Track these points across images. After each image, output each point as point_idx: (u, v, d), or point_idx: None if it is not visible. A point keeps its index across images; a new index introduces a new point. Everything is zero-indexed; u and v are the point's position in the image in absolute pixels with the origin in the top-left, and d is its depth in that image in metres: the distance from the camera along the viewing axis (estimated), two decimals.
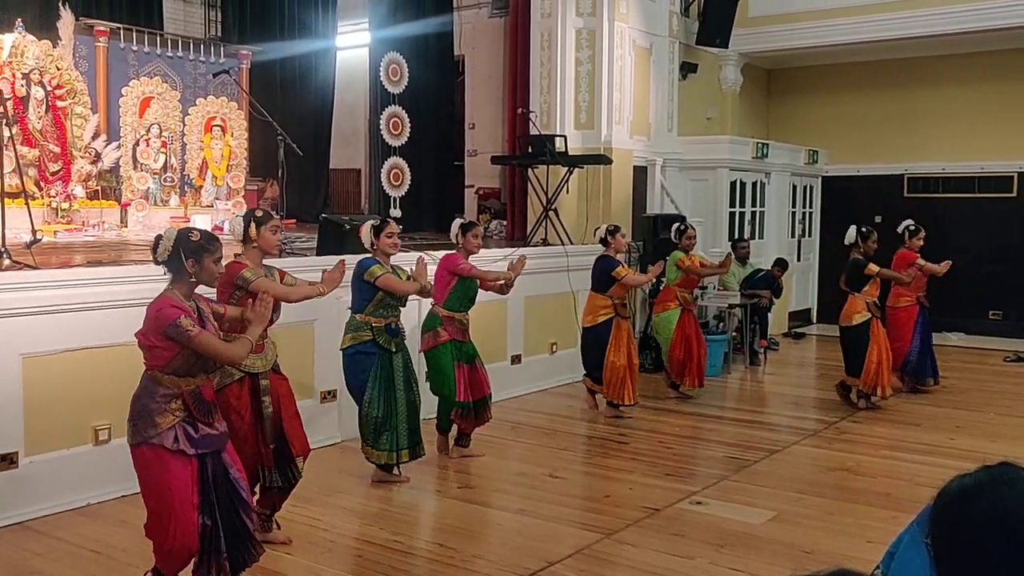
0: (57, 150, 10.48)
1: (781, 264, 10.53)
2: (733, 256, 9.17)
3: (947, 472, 1.55)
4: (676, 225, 8.28)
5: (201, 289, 3.76)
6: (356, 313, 5.47)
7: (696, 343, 8.03)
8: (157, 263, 3.65)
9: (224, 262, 3.95)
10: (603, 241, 7.39)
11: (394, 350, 5.46)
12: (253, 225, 4.49)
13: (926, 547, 1.61)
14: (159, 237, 3.64)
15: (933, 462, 6.12)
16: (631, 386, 7.31)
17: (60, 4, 11.08)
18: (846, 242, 7.77)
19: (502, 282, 6.24)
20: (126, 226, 10.47)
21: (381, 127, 10.93)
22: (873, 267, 7.63)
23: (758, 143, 11.73)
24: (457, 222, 6.21)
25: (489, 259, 7.80)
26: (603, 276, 7.29)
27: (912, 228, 8.30)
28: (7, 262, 5.27)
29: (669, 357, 8.07)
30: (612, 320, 7.26)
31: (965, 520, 1.48)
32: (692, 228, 8.29)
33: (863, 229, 7.72)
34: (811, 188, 13.18)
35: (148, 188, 10.83)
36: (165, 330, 3.48)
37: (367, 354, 5.40)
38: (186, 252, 3.58)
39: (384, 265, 5.42)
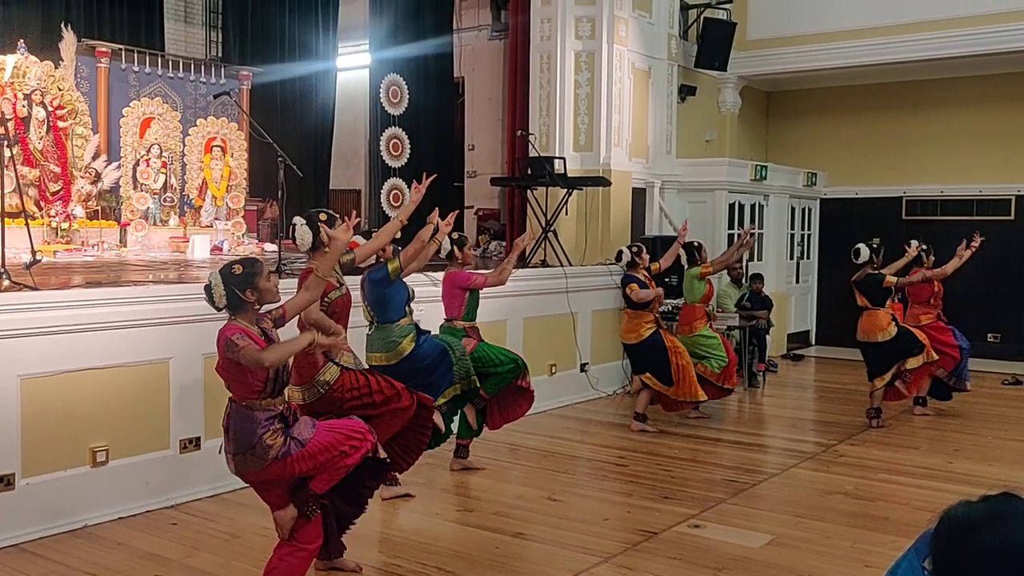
0: (57, 170, 10.51)
1: (758, 279, 10.64)
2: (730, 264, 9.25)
3: (946, 496, 1.56)
4: (692, 242, 8.30)
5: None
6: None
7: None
8: (220, 310, 3.71)
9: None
10: (631, 264, 7.69)
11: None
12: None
13: (924, 572, 1.61)
14: (208, 287, 3.68)
15: (932, 486, 6.10)
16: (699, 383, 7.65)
17: (62, 25, 11.16)
18: (859, 261, 7.88)
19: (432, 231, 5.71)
20: (125, 246, 10.50)
21: (381, 148, 10.99)
22: (891, 278, 7.80)
23: (757, 165, 11.78)
24: (446, 240, 6.08)
25: None
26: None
27: (924, 248, 8.55)
28: (6, 282, 5.26)
29: (726, 366, 8.07)
30: (658, 331, 7.52)
31: (972, 552, 1.48)
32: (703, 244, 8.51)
33: (874, 245, 7.89)
34: (809, 210, 13.22)
35: (148, 208, 10.86)
36: (226, 352, 3.57)
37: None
38: (239, 286, 3.64)
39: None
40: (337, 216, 4.61)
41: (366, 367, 4.91)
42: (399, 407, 4.72)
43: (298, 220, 4.51)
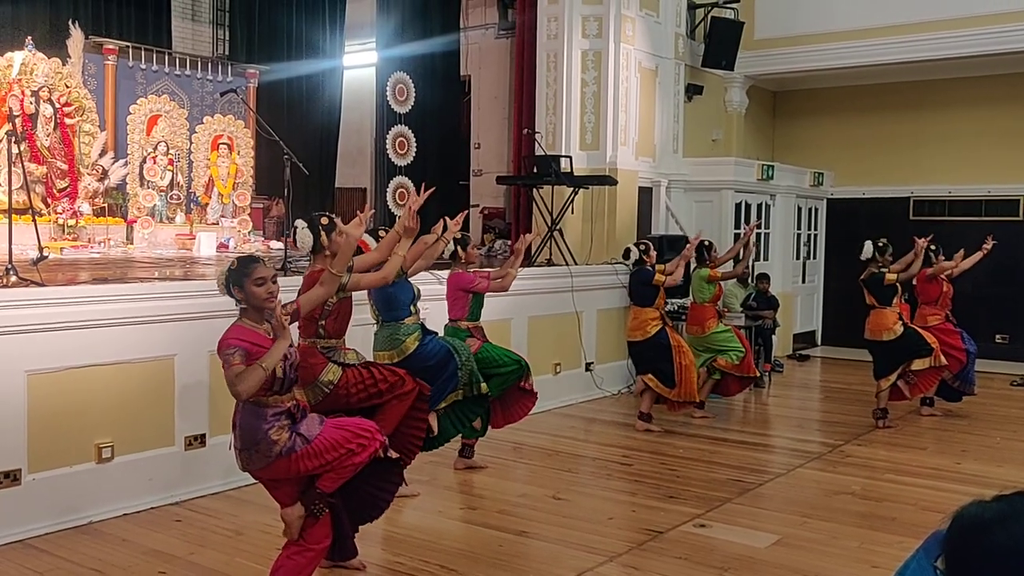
0: (64, 167, 10.54)
1: (764, 278, 10.64)
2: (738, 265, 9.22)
3: (953, 497, 1.55)
4: (703, 241, 8.32)
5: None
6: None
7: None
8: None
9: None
10: (639, 262, 7.69)
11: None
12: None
13: (934, 571, 1.61)
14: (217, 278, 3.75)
15: (939, 486, 6.07)
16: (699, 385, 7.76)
17: (70, 22, 11.18)
18: (863, 257, 7.91)
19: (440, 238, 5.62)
20: (132, 243, 10.52)
21: (387, 146, 10.98)
22: (891, 275, 7.81)
23: (763, 165, 11.74)
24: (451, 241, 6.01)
25: None
26: (643, 287, 7.55)
27: (933, 249, 8.54)
28: (14, 279, 5.28)
29: (744, 356, 8.12)
30: (664, 328, 7.52)
31: (985, 552, 1.47)
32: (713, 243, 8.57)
33: (879, 244, 7.90)
34: (816, 210, 13.19)
35: (154, 205, 10.88)
36: (221, 355, 3.55)
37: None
38: (231, 282, 3.65)
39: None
40: (338, 220, 4.63)
41: (367, 360, 4.93)
42: (404, 391, 4.80)
43: (300, 223, 4.55)
